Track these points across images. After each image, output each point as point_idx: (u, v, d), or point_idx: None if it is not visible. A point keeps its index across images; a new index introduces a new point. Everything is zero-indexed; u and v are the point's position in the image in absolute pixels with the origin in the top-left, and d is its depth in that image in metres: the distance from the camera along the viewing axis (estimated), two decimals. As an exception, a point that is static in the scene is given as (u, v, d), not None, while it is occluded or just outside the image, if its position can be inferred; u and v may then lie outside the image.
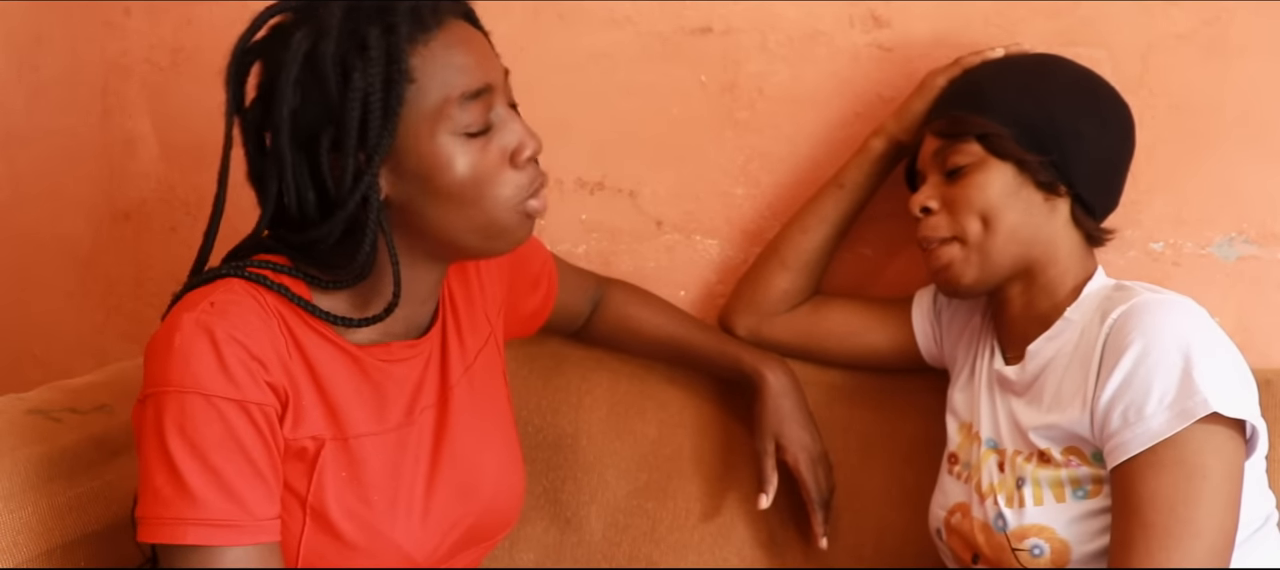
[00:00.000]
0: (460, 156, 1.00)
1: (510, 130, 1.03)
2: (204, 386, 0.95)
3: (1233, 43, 1.31)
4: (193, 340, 0.96)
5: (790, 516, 1.38)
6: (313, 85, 0.98)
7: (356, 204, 0.98)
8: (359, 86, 0.96)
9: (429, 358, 1.12)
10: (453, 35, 1.01)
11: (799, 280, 1.39)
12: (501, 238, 1.05)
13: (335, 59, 0.97)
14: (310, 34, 0.98)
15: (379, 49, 0.97)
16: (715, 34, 1.45)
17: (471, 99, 1.00)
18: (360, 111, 0.97)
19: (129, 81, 1.70)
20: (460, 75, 1.00)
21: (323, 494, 1.02)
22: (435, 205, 1.01)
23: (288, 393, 1.00)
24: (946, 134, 1.20)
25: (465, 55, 1.01)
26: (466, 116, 1.00)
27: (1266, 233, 1.33)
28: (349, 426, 1.04)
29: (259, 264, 1.04)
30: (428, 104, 0.99)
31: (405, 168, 1.00)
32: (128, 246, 1.76)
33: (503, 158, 1.02)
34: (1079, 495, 1.11)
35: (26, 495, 1.11)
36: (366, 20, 0.98)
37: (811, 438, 1.34)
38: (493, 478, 1.16)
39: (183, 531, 0.94)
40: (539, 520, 1.44)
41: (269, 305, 1.01)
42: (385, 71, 0.97)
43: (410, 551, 1.07)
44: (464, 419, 1.14)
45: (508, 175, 1.02)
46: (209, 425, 0.95)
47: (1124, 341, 1.07)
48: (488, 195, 1.01)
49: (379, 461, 1.06)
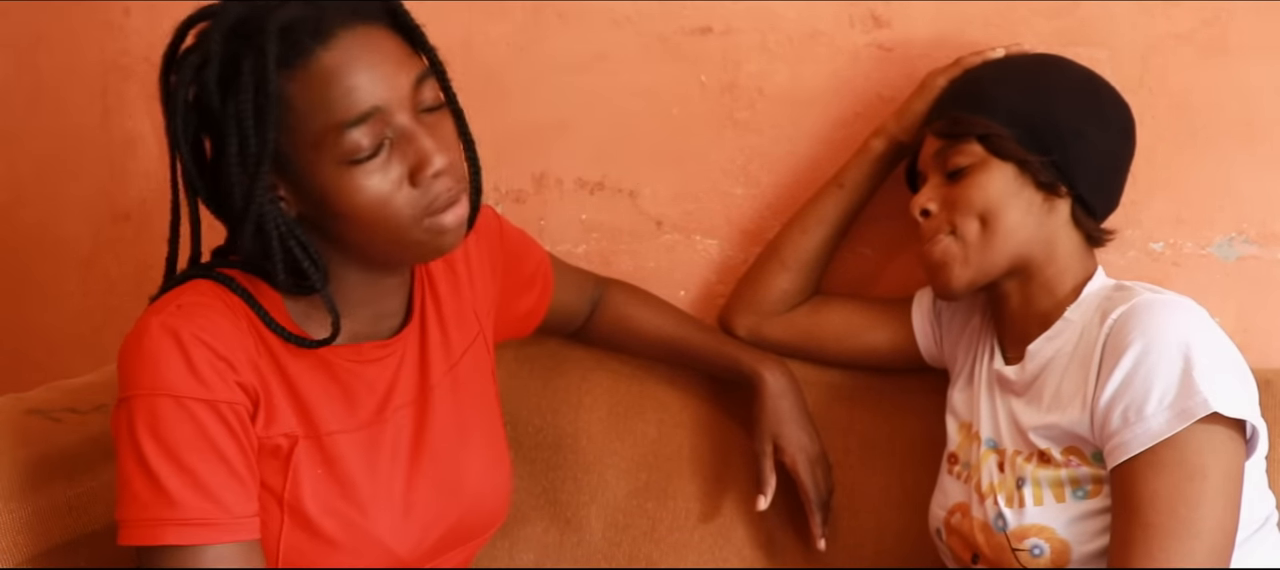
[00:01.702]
0: (350, 184, 0.97)
1: (412, 147, 0.98)
2: (173, 388, 0.96)
3: (1233, 43, 1.31)
4: (160, 343, 0.96)
5: (789, 517, 1.38)
6: (203, 106, 0.97)
7: (256, 214, 0.97)
8: (231, 112, 0.95)
9: (403, 357, 1.12)
10: (339, 53, 0.95)
11: (799, 280, 1.39)
12: (415, 252, 1.03)
13: (216, 83, 0.96)
14: (198, 56, 0.97)
15: (249, 76, 0.94)
16: (715, 34, 1.45)
17: (355, 125, 0.95)
18: (237, 137, 0.95)
19: (129, 81, 1.70)
20: (341, 101, 0.95)
21: (299, 491, 1.02)
22: (341, 226, 1.00)
23: (258, 391, 1.01)
24: (947, 134, 1.20)
25: (350, 76, 0.95)
26: (350, 143, 0.95)
27: (1266, 233, 1.33)
28: (320, 424, 1.05)
29: (231, 265, 1.05)
30: (310, 132, 0.96)
31: (304, 190, 0.99)
32: (128, 246, 1.76)
33: (401, 178, 0.98)
34: (1079, 495, 1.11)
35: (26, 495, 1.11)
36: (241, 44, 0.94)
37: (810, 438, 1.34)
38: (476, 475, 1.16)
39: (161, 532, 0.95)
40: (539, 520, 1.44)
41: (236, 305, 1.02)
42: (254, 99, 0.94)
43: (394, 548, 1.07)
44: (446, 417, 1.14)
45: (407, 195, 0.98)
46: (180, 426, 0.96)
47: (1124, 341, 1.07)
48: (385, 217, 0.98)
49: (354, 458, 1.06)
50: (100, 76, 1.72)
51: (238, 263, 1.05)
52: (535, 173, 1.53)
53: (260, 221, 0.97)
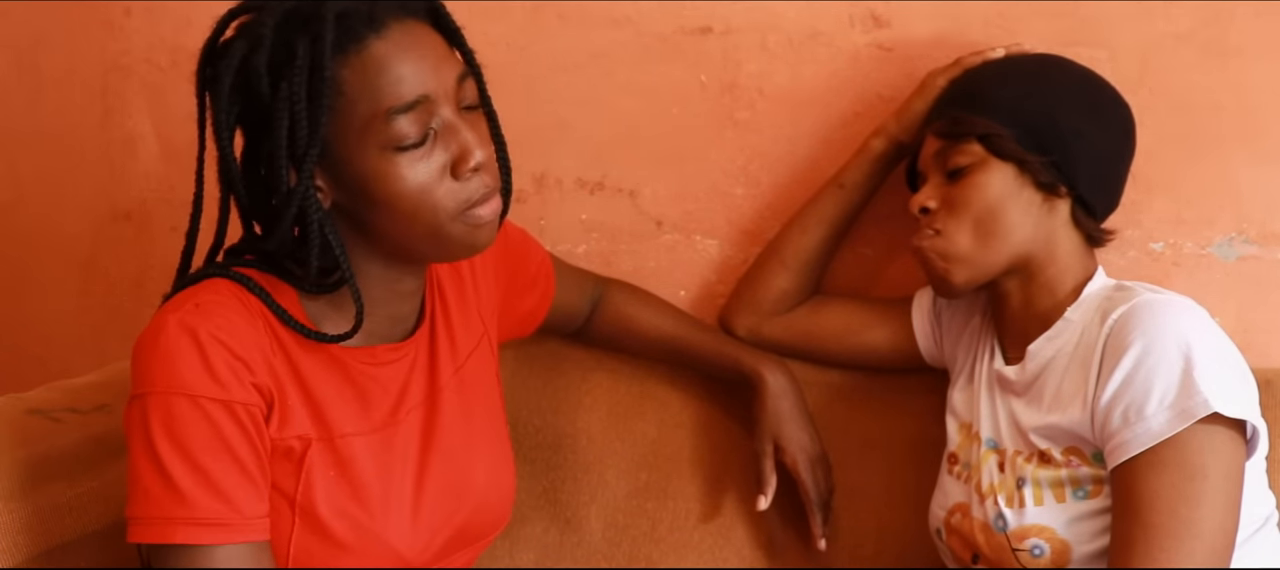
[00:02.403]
0: (394, 171, 0.98)
1: (454, 140, 1.00)
2: (189, 387, 0.96)
3: (1233, 43, 1.31)
4: (177, 341, 0.96)
5: (790, 518, 1.38)
6: (249, 93, 0.98)
7: (294, 212, 0.98)
8: (285, 96, 0.96)
9: (415, 359, 1.13)
10: (391, 43, 0.97)
11: (799, 280, 1.39)
12: (451, 247, 1.03)
13: (267, 68, 0.97)
14: (246, 43, 0.98)
15: (304, 60, 0.95)
16: (715, 34, 1.45)
17: (403, 112, 0.97)
18: (288, 121, 0.96)
19: (129, 81, 1.70)
20: (392, 87, 0.97)
21: (311, 493, 1.02)
22: (378, 216, 1.01)
23: (273, 392, 1.01)
24: (947, 134, 1.20)
25: (401, 65, 0.97)
26: (398, 130, 0.97)
27: (1266, 233, 1.33)
28: (334, 426, 1.05)
29: (247, 264, 1.05)
30: (358, 117, 0.97)
31: (344, 179, 1.00)
32: (128, 246, 1.76)
33: (443, 169, 1.00)
34: (1079, 495, 1.11)
35: (26, 495, 1.11)
36: (296, 30, 0.96)
37: (810, 438, 1.34)
38: (483, 477, 1.16)
39: (172, 531, 0.95)
40: (539, 520, 1.44)
41: (253, 305, 1.02)
42: (309, 83, 0.95)
43: (402, 550, 1.07)
44: (454, 419, 1.14)
45: (448, 187, 1.00)
46: (195, 426, 0.95)
47: (1124, 342, 1.07)
48: (426, 207, 0.99)
49: (367, 461, 1.06)
50: (100, 76, 1.72)
51: (254, 262, 1.05)
52: (535, 173, 1.53)
53: (302, 209, 0.98)
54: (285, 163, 0.97)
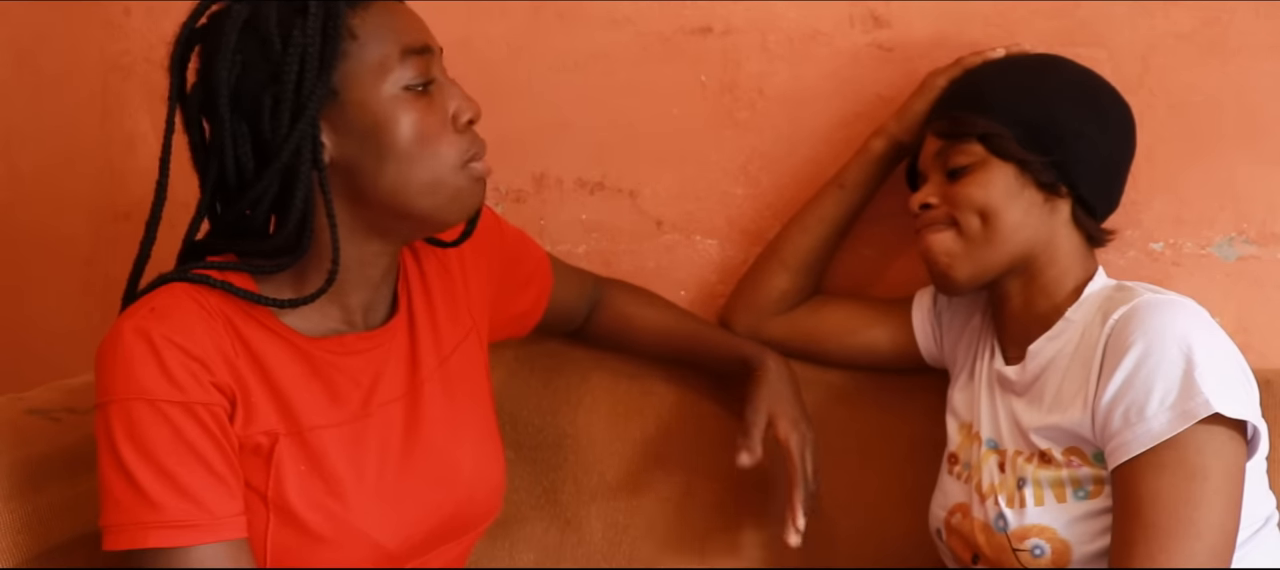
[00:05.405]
0: (403, 113, 1.02)
1: (451, 93, 1.06)
2: (148, 392, 0.96)
3: (1233, 43, 1.31)
4: (133, 347, 0.97)
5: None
6: (254, 50, 1.00)
7: (292, 153, 0.99)
8: (298, 42, 0.98)
9: (390, 351, 1.12)
10: (390, 5, 1.05)
11: (799, 280, 1.39)
12: (451, 201, 1.06)
13: (277, 21, 1.00)
14: (250, 4, 1.01)
15: (319, 8, 1.00)
16: (715, 34, 1.45)
17: (414, 54, 1.02)
18: (298, 65, 0.98)
19: (129, 81, 1.70)
20: (404, 31, 1.03)
21: (283, 488, 1.03)
22: (381, 164, 1.02)
23: (234, 390, 1.01)
24: (948, 134, 1.20)
25: (407, 18, 1.05)
26: (409, 71, 1.02)
27: (1266, 233, 1.33)
28: (303, 419, 1.05)
29: (205, 266, 1.05)
30: (370, 58, 1.01)
31: (349, 125, 1.02)
32: (128, 246, 1.73)
33: (445, 121, 1.04)
34: (1080, 496, 1.11)
35: (26, 495, 1.11)
36: None
37: (806, 424, 1.32)
38: (470, 468, 1.16)
39: (144, 536, 0.95)
40: (539, 520, 1.44)
41: (211, 305, 1.02)
42: (323, 25, 0.99)
43: (383, 542, 1.07)
44: (438, 411, 1.14)
45: (450, 138, 1.04)
46: (157, 430, 0.96)
47: (1125, 342, 1.07)
48: (431, 154, 1.03)
49: (338, 453, 1.06)
50: (100, 76, 1.72)
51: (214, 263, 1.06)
52: (535, 173, 1.53)
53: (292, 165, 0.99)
54: (290, 105, 0.99)
